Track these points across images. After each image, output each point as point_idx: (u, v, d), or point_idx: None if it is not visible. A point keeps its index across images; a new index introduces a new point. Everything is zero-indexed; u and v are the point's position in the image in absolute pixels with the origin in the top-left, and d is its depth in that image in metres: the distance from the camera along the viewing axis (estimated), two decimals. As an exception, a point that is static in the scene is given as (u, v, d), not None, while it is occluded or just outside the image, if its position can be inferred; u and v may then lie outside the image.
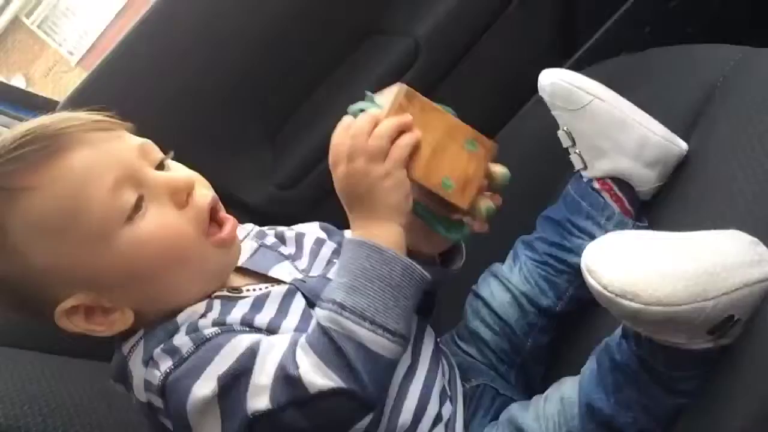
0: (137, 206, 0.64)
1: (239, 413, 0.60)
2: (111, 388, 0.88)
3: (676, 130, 0.81)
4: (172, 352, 0.63)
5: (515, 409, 0.73)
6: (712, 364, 0.61)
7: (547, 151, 0.92)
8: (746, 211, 0.68)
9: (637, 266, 0.57)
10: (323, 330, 0.60)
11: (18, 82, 8.33)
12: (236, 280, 0.72)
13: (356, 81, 1.21)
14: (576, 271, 0.79)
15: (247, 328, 0.64)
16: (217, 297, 0.68)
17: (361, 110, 0.68)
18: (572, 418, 0.66)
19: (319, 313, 0.62)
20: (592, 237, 0.78)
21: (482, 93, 1.26)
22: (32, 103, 1.23)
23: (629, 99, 0.82)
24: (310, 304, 0.68)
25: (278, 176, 1.24)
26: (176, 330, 0.65)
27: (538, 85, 0.82)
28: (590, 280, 0.58)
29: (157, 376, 0.63)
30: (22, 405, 0.82)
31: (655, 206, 0.81)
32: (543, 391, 0.73)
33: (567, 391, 0.69)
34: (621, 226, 0.78)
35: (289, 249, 0.77)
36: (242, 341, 0.62)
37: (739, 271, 0.58)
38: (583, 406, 0.66)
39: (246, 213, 1.23)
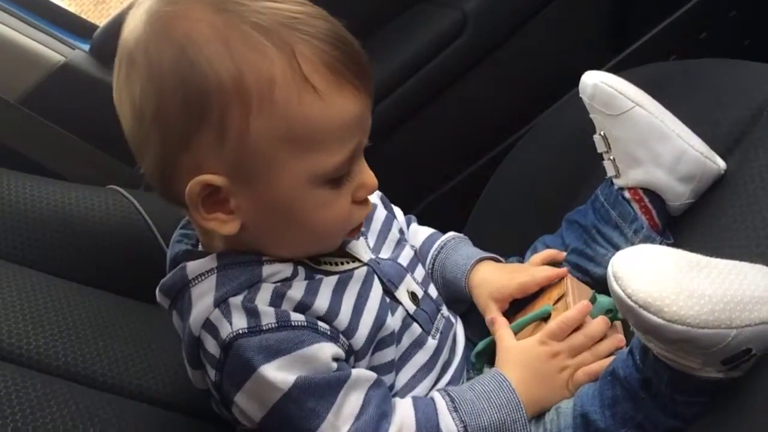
0: (339, 180, 0.63)
1: (289, 423, 0.62)
2: (115, 320, 0.90)
3: (716, 148, 0.79)
4: (251, 313, 0.62)
5: None
6: (716, 394, 0.61)
7: (580, 146, 0.90)
8: (775, 243, 0.67)
9: (666, 281, 0.56)
10: None
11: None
12: None
13: (398, 46, 1.20)
14: (594, 281, 0.79)
15: (328, 329, 0.64)
16: (301, 263, 0.67)
17: (609, 311, 0.72)
18: (566, 428, 0.66)
19: (449, 424, 0.64)
20: (617, 248, 0.78)
21: (523, 77, 1.25)
22: (73, 26, 1.22)
23: (673, 108, 0.80)
24: (385, 288, 0.70)
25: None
26: (258, 281, 0.64)
27: (580, 85, 0.80)
28: (615, 286, 0.58)
29: (226, 329, 0.62)
30: (26, 325, 0.83)
31: (683, 223, 0.79)
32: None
33: (563, 401, 0.69)
34: (647, 240, 0.77)
35: None
36: (326, 352, 0.63)
37: (765, 306, 0.57)
38: (577, 417, 0.66)
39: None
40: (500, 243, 0.95)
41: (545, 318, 0.73)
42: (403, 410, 0.64)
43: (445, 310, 0.78)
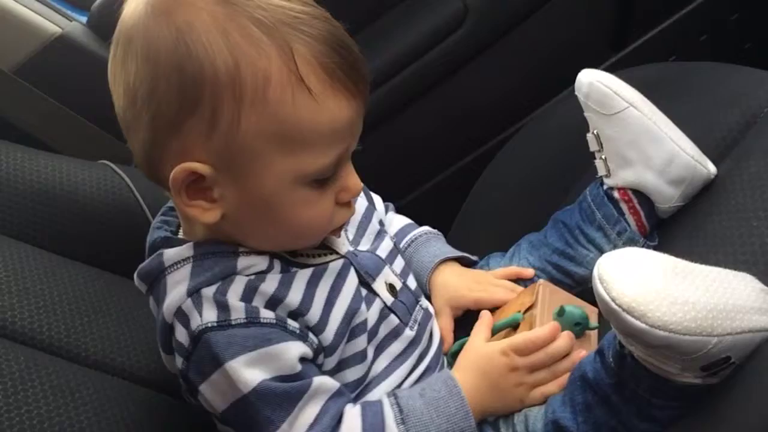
0: (324, 181, 0.63)
1: (246, 421, 0.63)
2: (101, 296, 0.90)
3: (708, 152, 0.79)
4: (221, 307, 0.63)
5: None
6: (693, 399, 0.61)
7: (574, 144, 0.90)
8: (760, 252, 0.67)
9: (651, 286, 0.56)
10: None
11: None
12: None
13: (396, 34, 1.19)
14: (574, 282, 0.79)
15: (298, 327, 0.65)
16: (277, 256, 0.68)
17: (578, 324, 0.71)
18: None
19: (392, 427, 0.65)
20: (599, 249, 0.78)
21: (522, 71, 1.24)
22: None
23: (668, 110, 0.79)
24: (360, 279, 0.71)
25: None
26: (232, 273, 0.65)
27: (576, 83, 0.80)
28: (600, 289, 0.58)
29: (196, 320, 0.63)
30: (12, 297, 0.83)
31: (669, 226, 0.79)
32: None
33: (534, 407, 0.69)
34: (631, 242, 0.77)
35: None
36: (292, 352, 0.63)
37: (747, 315, 0.57)
38: (549, 424, 0.66)
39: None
40: (487, 237, 0.95)
41: (515, 326, 0.73)
42: (350, 422, 0.64)
43: (424, 302, 0.78)
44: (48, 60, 1.12)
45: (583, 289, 0.78)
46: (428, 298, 0.82)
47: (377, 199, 0.87)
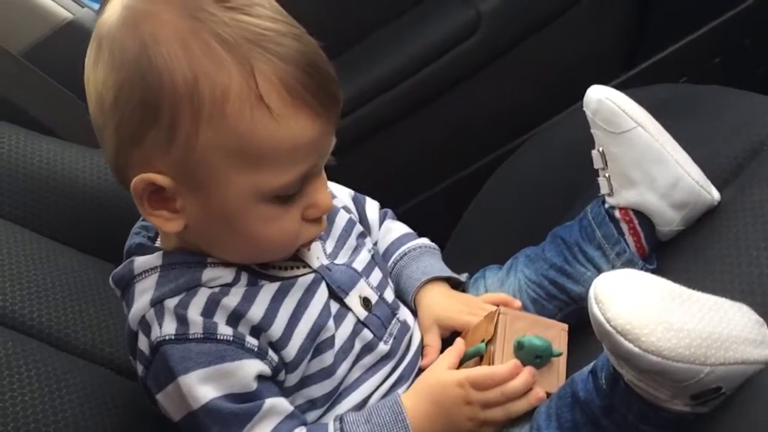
0: (288, 198, 0.63)
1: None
2: (93, 285, 0.90)
3: (713, 178, 0.79)
4: (181, 320, 0.64)
5: None
6: (681, 428, 0.60)
7: (579, 160, 0.89)
8: (758, 282, 0.66)
9: (647, 310, 0.56)
10: None
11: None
12: None
13: (409, 38, 1.19)
14: (570, 299, 0.78)
15: (256, 345, 0.65)
16: (245, 268, 0.68)
17: (538, 357, 0.70)
18: None
19: None
20: (598, 268, 0.77)
21: (531, 84, 1.24)
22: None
23: (675, 132, 0.79)
24: (332, 294, 0.71)
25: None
26: (197, 285, 0.65)
27: (585, 99, 0.79)
28: (595, 309, 0.57)
29: (156, 331, 0.64)
30: (4, 281, 0.83)
31: (669, 250, 0.79)
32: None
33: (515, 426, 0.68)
34: (629, 264, 0.76)
35: None
36: (246, 370, 0.63)
37: (741, 346, 0.57)
38: (533, 441, 0.65)
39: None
40: (485, 248, 0.95)
41: (482, 357, 0.72)
42: None
43: (402, 314, 0.78)
44: (57, 45, 1.12)
45: (579, 307, 0.77)
46: (412, 311, 0.81)
47: (373, 205, 0.86)
